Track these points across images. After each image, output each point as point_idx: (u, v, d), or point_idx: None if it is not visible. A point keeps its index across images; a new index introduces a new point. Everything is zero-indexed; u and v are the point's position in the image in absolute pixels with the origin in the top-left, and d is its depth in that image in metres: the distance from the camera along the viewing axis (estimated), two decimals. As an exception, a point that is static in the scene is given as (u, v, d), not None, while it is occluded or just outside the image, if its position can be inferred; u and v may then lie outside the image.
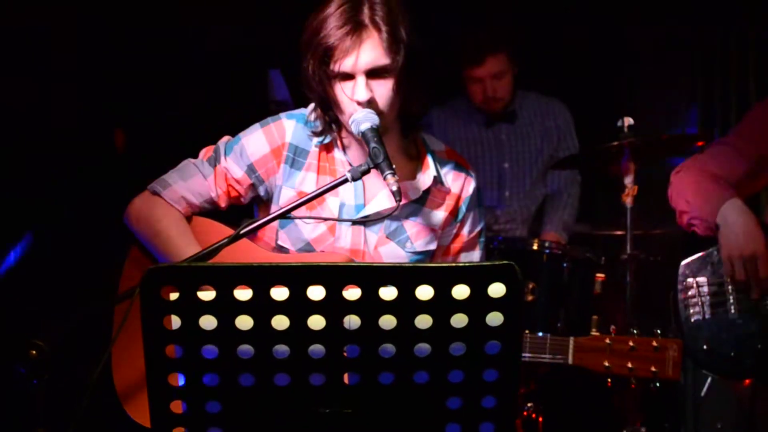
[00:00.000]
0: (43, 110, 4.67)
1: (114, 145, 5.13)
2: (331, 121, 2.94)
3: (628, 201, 4.12)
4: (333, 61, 2.78)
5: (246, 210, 3.13)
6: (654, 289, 3.96)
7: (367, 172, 2.65)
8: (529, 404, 4.37)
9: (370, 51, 2.76)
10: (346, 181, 2.64)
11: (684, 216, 3.56)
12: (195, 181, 2.99)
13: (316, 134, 2.97)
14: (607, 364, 3.11)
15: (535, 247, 4.40)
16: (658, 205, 3.76)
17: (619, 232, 4.52)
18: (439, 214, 3.07)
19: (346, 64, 2.77)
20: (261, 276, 1.90)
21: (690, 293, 3.50)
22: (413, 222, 3.03)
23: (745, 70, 5.29)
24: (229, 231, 2.88)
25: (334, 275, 1.90)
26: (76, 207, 4.67)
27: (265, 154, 2.98)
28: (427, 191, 3.03)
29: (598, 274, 4.33)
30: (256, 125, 3.02)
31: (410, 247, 3.03)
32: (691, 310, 3.48)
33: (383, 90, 2.80)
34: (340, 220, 2.97)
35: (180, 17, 4.99)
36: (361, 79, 2.78)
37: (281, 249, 3.01)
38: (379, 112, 2.79)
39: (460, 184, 3.10)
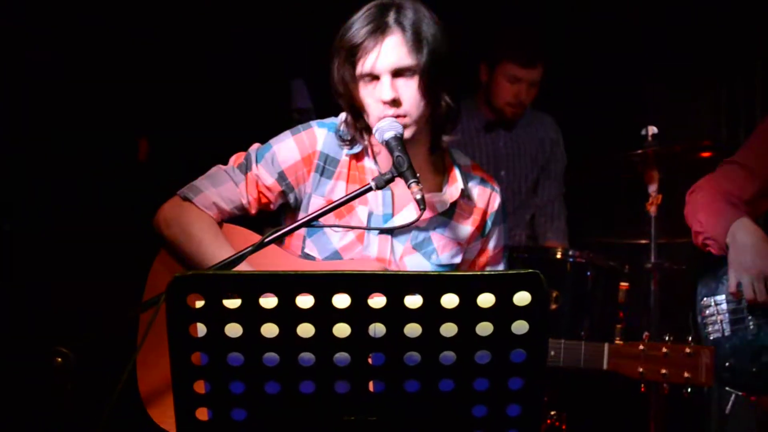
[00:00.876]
0: (66, 118, 4.69)
1: (137, 153, 5.15)
2: (361, 128, 2.94)
3: (652, 210, 4.11)
4: (358, 62, 2.80)
5: (273, 216, 3.13)
6: (678, 297, 3.95)
7: (391, 180, 2.65)
8: (552, 412, 4.36)
9: (393, 50, 2.78)
10: (370, 189, 2.63)
11: (699, 236, 3.55)
12: (226, 187, 2.98)
13: (345, 143, 2.97)
14: (641, 369, 3.14)
15: (558, 255, 4.40)
16: (682, 214, 3.74)
17: (643, 241, 4.50)
18: (466, 229, 3.07)
19: (368, 63, 2.78)
20: (286, 284, 1.90)
21: (708, 312, 3.49)
22: (440, 235, 3.03)
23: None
24: (257, 237, 2.89)
25: (360, 283, 1.90)
26: (99, 215, 4.69)
27: (296, 162, 2.98)
28: (454, 204, 3.03)
29: (622, 283, 4.32)
30: (287, 132, 3.02)
31: (436, 260, 3.03)
32: (711, 329, 3.48)
33: (408, 91, 2.80)
34: (367, 228, 2.97)
35: (204, 25, 5.00)
36: (386, 79, 2.78)
37: (308, 257, 3.01)
38: (405, 114, 2.80)
39: (485, 198, 3.10)
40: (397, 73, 2.79)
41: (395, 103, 2.79)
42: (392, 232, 2.98)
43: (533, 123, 5.26)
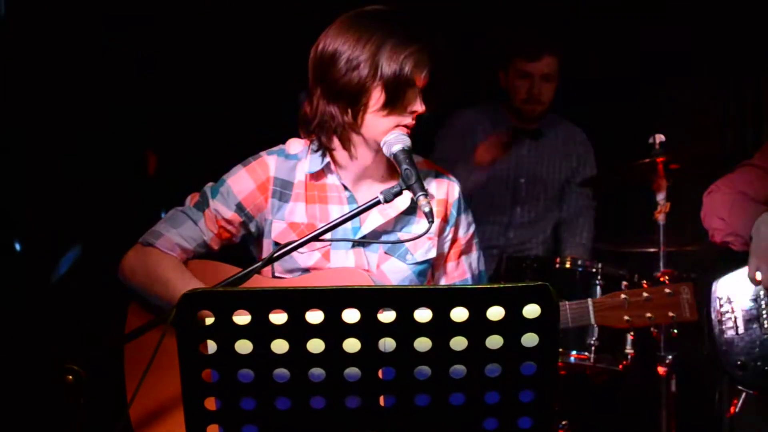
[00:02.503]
0: (75, 131, 4.70)
1: (146, 167, 5.16)
2: (325, 145, 2.97)
3: (661, 218, 4.11)
4: (396, 63, 2.83)
5: (240, 249, 3.13)
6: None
7: (399, 193, 2.68)
8: (563, 422, 4.35)
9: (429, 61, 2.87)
10: (378, 203, 2.67)
11: (718, 234, 3.55)
12: (186, 227, 2.99)
13: (315, 151, 3.00)
14: (627, 317, 3.16)
15: (567, 265, 4.39)
16: (691, 222, 3.74)
17: (651, 250, 4.50)
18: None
19: (416, 68, 2.83)
20: (296, 300, 1.90)
21: (723, 309, 3.49)
22: (409, 234, 3.03)
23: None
24: (230, 269, 2.89)
25: (369, 298, 1.90)
26: (107, 229, 4.70)
27: (252, 191, 3.00)
28: (415, 201, 3.04)
29: (631, 292, 4.31)
30: (239, 166, 3.05)
31: (411, 259, 3.04)
32: (724, 326, 3.48)
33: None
34: (383, 242, 3.00)
35: (211, 39, 5.02)
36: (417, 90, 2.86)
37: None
38: (415, 124, 2.87)
39: (444, 189, 3.12)
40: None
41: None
42: (363, 243, 3.00)
43: (562, 135, 5.26)
